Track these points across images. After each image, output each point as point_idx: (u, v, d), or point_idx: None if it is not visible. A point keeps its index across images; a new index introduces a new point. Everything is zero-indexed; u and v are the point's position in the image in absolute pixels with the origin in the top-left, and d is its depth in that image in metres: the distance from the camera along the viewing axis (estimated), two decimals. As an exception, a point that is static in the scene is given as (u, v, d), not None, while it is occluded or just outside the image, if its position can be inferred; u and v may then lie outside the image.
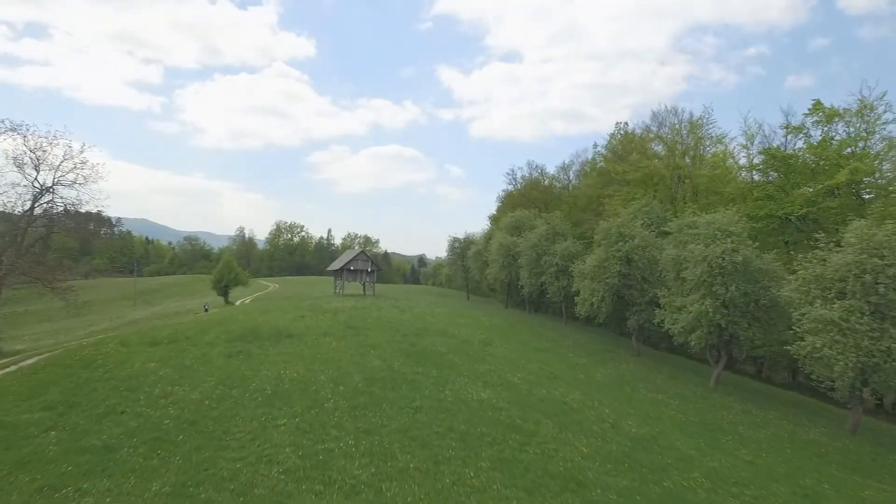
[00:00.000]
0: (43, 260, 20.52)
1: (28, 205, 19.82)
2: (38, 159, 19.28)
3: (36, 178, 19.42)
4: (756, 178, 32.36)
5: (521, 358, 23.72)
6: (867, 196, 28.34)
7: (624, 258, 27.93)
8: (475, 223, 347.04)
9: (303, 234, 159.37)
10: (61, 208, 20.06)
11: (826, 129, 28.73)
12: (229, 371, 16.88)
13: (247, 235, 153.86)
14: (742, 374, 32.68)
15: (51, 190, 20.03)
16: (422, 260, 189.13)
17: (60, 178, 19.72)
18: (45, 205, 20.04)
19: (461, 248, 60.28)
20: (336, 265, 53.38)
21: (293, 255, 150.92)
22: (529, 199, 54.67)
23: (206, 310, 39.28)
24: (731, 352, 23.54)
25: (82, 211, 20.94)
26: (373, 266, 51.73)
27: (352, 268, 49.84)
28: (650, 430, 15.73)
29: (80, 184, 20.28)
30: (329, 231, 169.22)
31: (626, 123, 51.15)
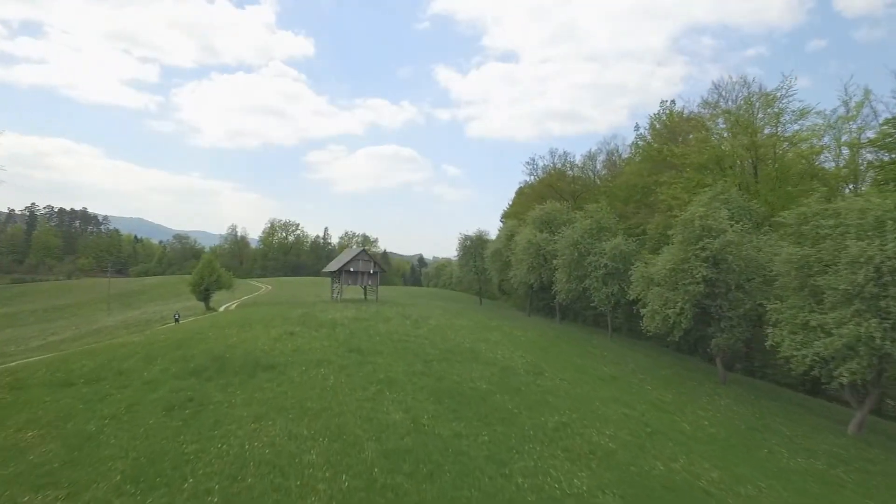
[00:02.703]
0: None
1: None
2: None
3: None
4: (867, 157, 26.04)
5: (591, 396, 17.20)
6: None
7: (710, 259, 21.40)
8: (475, 222, 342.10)
9: (298, 232, 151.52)
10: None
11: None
12: (158, 445, 10.22)
13: (239, 234, 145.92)
14: (847, 405, 26.13)
15: None
16: (421, 260, 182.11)
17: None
18: None
19: (473, 247, 53.65)
20: (334, 266, 46.51)
21: (288, 255, 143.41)
22: (556, 190, 48.00)
23: (177, 319, 32.65)
24: (884, 389, 17.09)
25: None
26: (375, 267, 44.89)
27: (351, 269, 43.00)
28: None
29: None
30: (325, 230, 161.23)
31: (673, 102, 44.63)
